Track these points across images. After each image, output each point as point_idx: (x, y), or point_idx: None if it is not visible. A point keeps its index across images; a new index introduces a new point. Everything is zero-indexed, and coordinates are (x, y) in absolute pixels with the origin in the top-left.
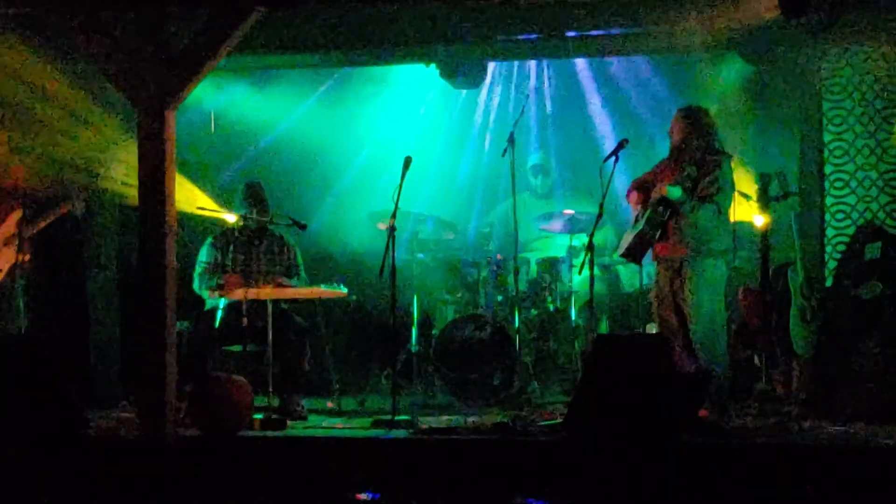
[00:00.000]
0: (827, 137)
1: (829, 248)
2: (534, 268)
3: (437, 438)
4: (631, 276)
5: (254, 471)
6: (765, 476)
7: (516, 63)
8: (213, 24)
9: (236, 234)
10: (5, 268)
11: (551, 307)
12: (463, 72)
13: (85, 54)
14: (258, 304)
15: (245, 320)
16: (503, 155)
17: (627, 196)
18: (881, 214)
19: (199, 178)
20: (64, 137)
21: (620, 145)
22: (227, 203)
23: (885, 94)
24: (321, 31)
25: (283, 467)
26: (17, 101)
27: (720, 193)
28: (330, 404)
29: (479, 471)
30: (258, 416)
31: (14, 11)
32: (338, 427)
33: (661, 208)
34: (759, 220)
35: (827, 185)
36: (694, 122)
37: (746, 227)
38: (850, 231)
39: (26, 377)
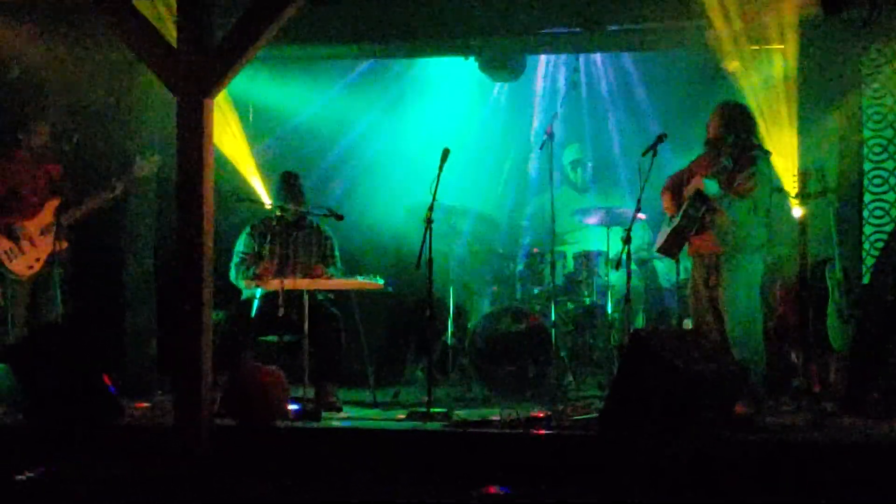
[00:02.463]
0: (866, 134)
1: (866, 245)
2: (570, 261)
3: (472, 431)
4: (668, 271)
5: (289, 461)
6: (801, 472)
7: (555, 56)
8: (254, 14)
9: (273, 224)
10: (43, 257)
11: (587, 301)
12: (502, 65)
13: (125, 43)
14: (294, 295)
15: (281, 311)
16: (541, 148)
17: (662, 195)
18: None
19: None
20: (102, 127)
21: (659, 139)
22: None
23: None
24: (360, 23)
25: (317, 458)
26: (57, 91)
27: (757, 189)
28: (364, 396)
29: (513, 464)
30: (293, 406)
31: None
32: (373, 419)
33: (697, 203)
34: (798, 214)
35: (866, 182)
36: (732, 117)
37: (784, 223)
38: (889, 228)
39: (63, 366)
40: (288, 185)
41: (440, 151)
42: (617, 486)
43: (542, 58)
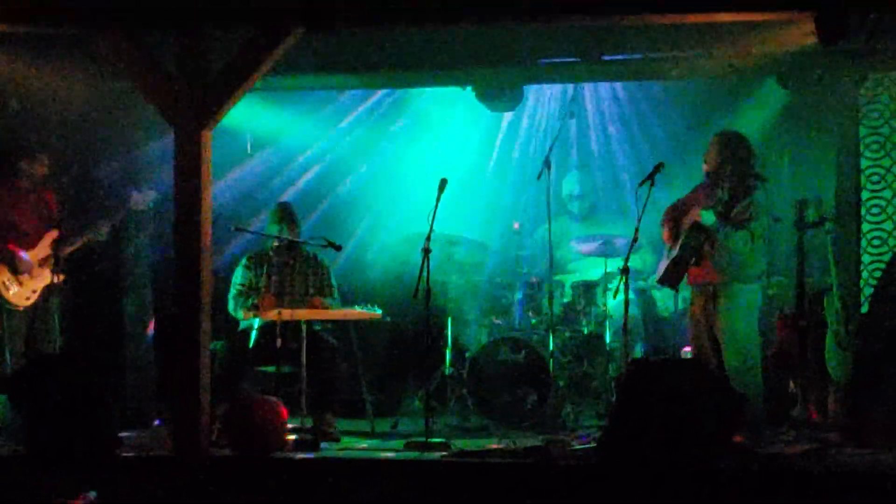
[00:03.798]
0: (864, 163)
1: (864, 275)
2: (568, 291)
3: (471, 461)
4: (666, 300)
5: (286, 492)
6: (800, 502)
7: (553, 86)
8: (252, 45)
9: (270, 254)
10: (40, 288)
11: (586, 330)
12: (499, 95)
13: (123, 74)
14: (292, 325)
15: (279, 341)
16: (539, 178)
17: (662, 226)
18: None
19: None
20: (100, 158)
21: (656, 169)
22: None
23: None
24: (357, 54)
25: (315, 488)
26: (55, 122)
27: (755, 219)
28: (362, 426)
29: (512, 494)
30: (292, 436)
31: (52, 31)
32: (371, 449)
33: (695, 233)
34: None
35: (863, 211)
36: (729, 147)
37: (782, 252)
38: (887, 257)
39: (60, 397)
40: (283, 213)
41: (438, 181)
42: None
43: (541, 87)
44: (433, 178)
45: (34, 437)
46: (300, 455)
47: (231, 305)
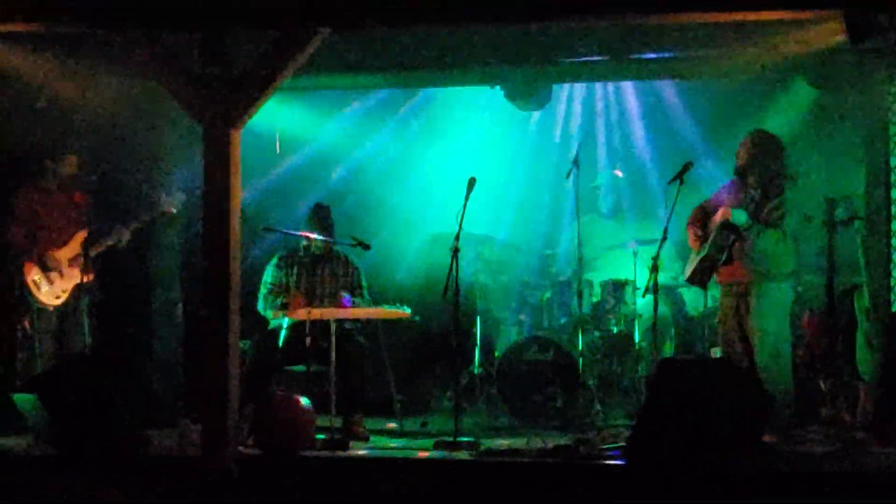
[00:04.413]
0: (893, 161)
1: (894, 273)
2: (597, 290)
3: (499, 461)
4: (695, 299)
5: (315, 491)
6: (829, 502)
7: (581, 84)
8: (279, 45)
9: (300, 255)
10: (70, 287)
11: (615, 329)
12: (528, 94)
13: (151, 75)
14: (321, 325)
15: (308, 340)
16: (567, 177)
17: (687, 228)
18: None
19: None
20: (129, 157)
21: (685, 168)
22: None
23: None
24: (385, 52)
25: (344, 488)
26: (84, 122)
27: (786, 218)
28: (390, 425)
29: (541, 494)
30: (320, 436)
31: (79, 31)
32: (400, 448)
33: (725, 232)
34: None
35: (893, 209)
36: (760, 145)
37: (812, 251)
38: None
39: (89, 396)
40: (318, 216)
41: (466, 181)
42: None
43: (569, 86)
44: (461, 177)
45: (63, 437)
46: (329, 454)
47: (261, 304)
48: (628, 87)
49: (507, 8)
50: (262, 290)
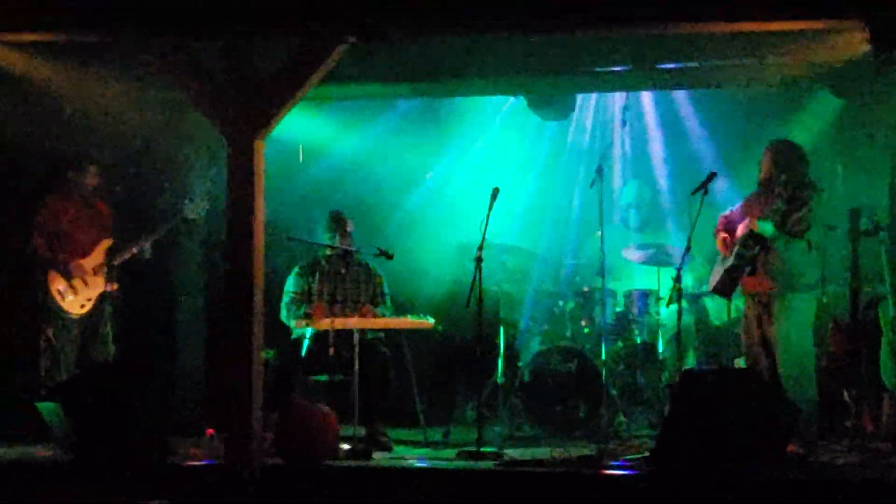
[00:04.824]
0: None
1: None
2: (621, 300)
3: (523, 470)
4: (719, 309)
5: (338, 500)
6: None
7: (605, 94)
8: (303, 54)
9: (323, 263)
10: (94, 296)
11: (638, 340)
12: (552, 103)
13: (176, 84)
14: (345, 334)
15: (331, 350)
16: (591, 186)
17: (715, 235)
18: None
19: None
20: (152, 166)
21: (709, 178)
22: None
23: None
24: (408, 62)
25: (367, 497)
26: (107, 131)
27: (811, 229)
28: (413, 435)
29: (564, 503)
30: (343, 445)
31: (101, 40)
32: (423, 458)
33: (750, 243)
34: (849, 254)
35: None
36: (783, 156)
37: (836, 261)
38: None
39: (113, 405)
40: (334, 222)
41: (490, 190)
42: None
43: (593, 95)
44: (484, 187)
45: (86, 445)
46: (352, 464)
47: (284, 313)
48: (650, 97)
49: (531, 18)
50: (285, 299)
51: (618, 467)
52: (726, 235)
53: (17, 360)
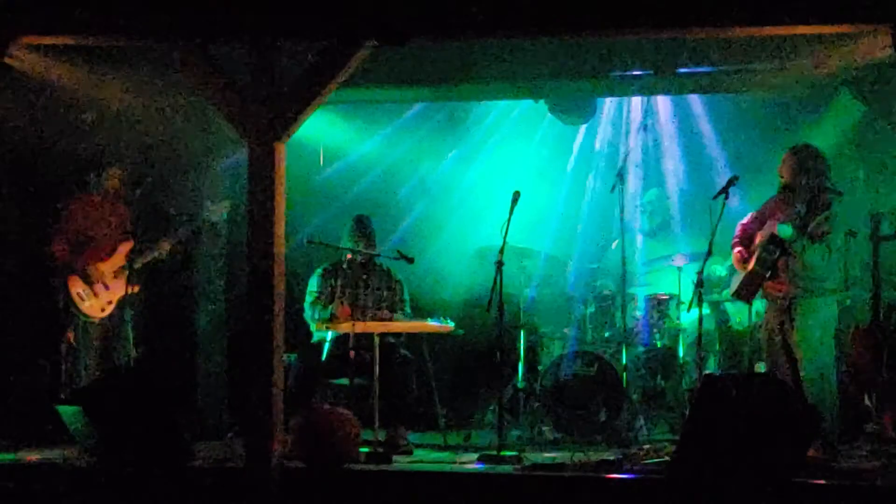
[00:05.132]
0: None
1: None
2: (642, 304)
3: (543, 475)
4: (740, 314)
5: None
6: None
7: (626, 98)
8: (325, 58)
9: (344, 266)
10: (115, 300)
11: (659, 344)
12: (572, 107)
13: (196, 88)
14: (365, 338)
15: (352, 354)
16: (612, 190)
17: (732, 246)
18: None
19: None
20: (173, 170)
21: (731, 182)
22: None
23: None
24: (428, 66)
25: (388, 501)
26: (128, 134)
27: (832, 233)
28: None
29: None
30: (364, 449)
31: (125, 44)
32: (443, 462)
33: (771, 247)
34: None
35: None
36: (804, 160)
37: (857, 266)
38: None
39: (134, 409)
40: (359, 227)
41: (511, 194)
42: None
43: (613, 99)
44: (505, 191)
45: (108, 449)
46: (372, 468)
47: (308, 311)
48: (670, 101)
49: (553, 21)
50: (309, 298)
51: (638, 472)
52: (742, 249)
53: (38, 364)
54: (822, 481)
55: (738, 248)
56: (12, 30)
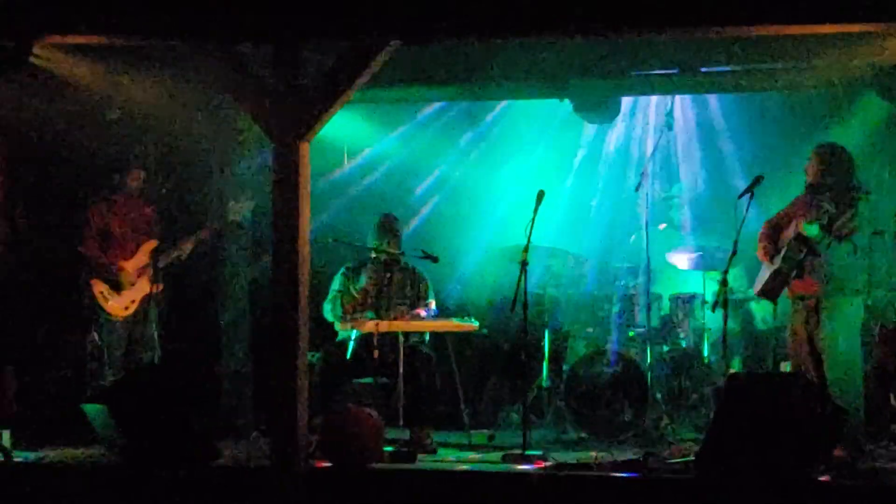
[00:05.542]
0: None
1: None
2: (666, 303)
3: (568, 474)
4: (764, 313)
5: (383, 503)
6: None
7: (650, 97)
8: (349, 57)
9: (369, 266)
10: (139, 298)
11: (683, 343)
12: (596, 107)
13: (221, 88)
14: (389, 337)
15: (376, 353)
16: (637, 189)
17: (759, 242)
18: None
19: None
20: (197, 169)
21: (756, 181)
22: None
23: None
24: (452, 65)
25: (412, 500)
26: (152, 134)
27: (858, 232)
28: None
29: None
30: (388, 448)
31: (151, 44)
32: (468, 461)
33: (798, 246)
34: None
35: None
36: (831, 159)
37: (883, 265)
38: None
39: (158, 407)
40: (385, 226)
41: (535, 193)
42: None
43: (637, 98)
44: (529, 190)
45: (132, 447)
46: (397, 467)
47: (326, 308)
48: (695, 100)
49: (577, 20)
50: (329, 296)
51: (663, 471)
52: (767, 244)
53: (63, 363)
54: (848, 481)
55: (763, 243)
56: (38, 29)
